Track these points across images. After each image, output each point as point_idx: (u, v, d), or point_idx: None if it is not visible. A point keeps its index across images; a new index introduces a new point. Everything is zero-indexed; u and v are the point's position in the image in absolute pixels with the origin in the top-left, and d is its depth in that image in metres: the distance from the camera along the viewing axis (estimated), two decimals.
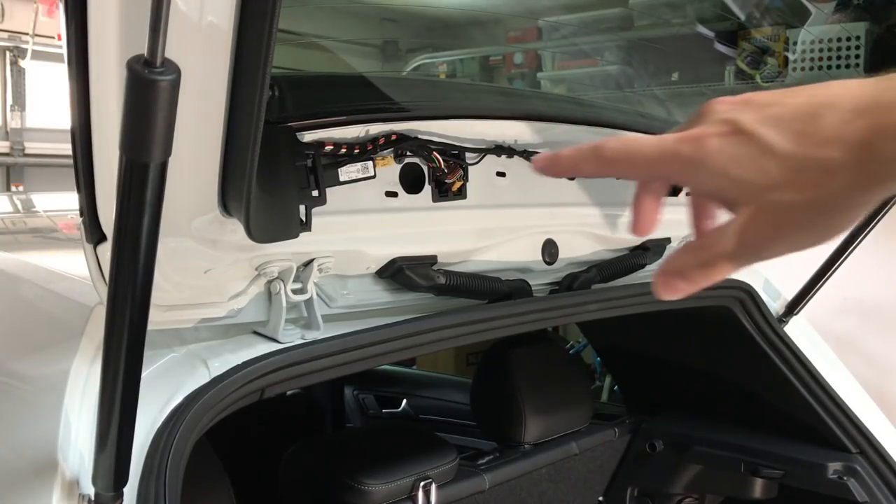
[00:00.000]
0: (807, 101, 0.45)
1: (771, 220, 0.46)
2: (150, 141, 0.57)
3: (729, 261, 0.48)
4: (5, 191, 6.34)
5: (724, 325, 1.75)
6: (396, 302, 1.21)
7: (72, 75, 0.73)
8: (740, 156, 0.45)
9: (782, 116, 0.45)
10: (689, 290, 0.50)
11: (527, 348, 1.83)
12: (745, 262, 0.48)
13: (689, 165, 0.47)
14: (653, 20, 1.88)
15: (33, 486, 0.87)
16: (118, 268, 0.65)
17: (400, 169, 1.11)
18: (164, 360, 0.99)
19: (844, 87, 0.45)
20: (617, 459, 1.97)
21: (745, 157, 0.45)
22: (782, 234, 0.46)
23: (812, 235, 0.46)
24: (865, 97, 0.43)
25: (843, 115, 0.43)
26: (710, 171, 0.46)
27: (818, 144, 0.44)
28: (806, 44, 1.73)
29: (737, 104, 0.47)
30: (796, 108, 0.45)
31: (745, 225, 0.46)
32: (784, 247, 0.46)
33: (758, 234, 0.46)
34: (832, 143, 0.43)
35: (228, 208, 0.84)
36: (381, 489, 1.45)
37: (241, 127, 0.73)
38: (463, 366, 3.89)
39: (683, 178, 0.49)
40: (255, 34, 0.67)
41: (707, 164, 0.46)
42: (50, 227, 2.51)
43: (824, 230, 0.46)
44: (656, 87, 1.95)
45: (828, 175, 0.43)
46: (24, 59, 6.47)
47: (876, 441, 1.68)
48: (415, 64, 2.30)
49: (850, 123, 0.43)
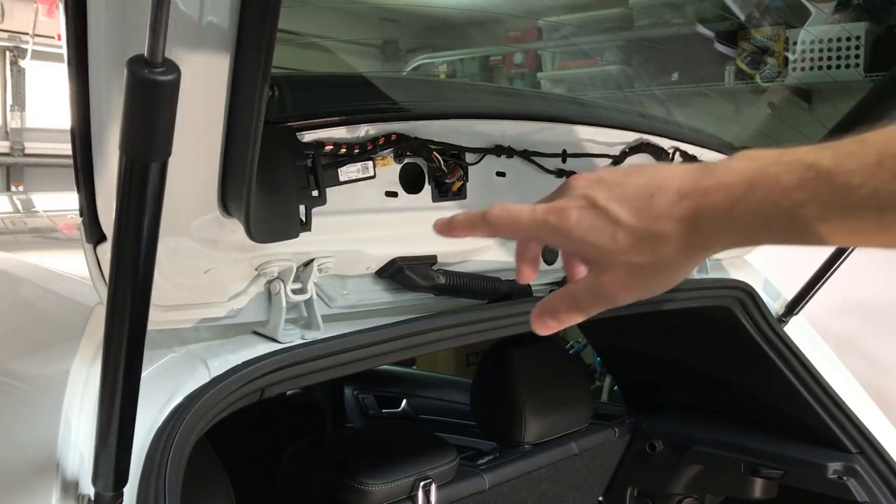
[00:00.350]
0: (645, 182, 0.57)
1: (621, 276, 0.58)
2: (150, 141, 0.57)
3: (591, 306, 0.61)
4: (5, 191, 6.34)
5: (724, 325, 1.75)
6: (396, 302, 1.21)
7: (72, 75, 0.73)
8: (595, 226, 0.58)
9: (626, 195, 0.57)
10: (558, 328, 0.64)
11: (527, 348, 1.83)
12: (603, 307, 0.61)
13: (556, 232, 0.59)
14: (653, 20, 1.88)
15: (33, 486, 0.87)
16: (118, 268, 0.65)
17: (400, 169, 1.11)
18: (164, 360, 0.99)
19: (673, 172, 0.57)
20: (617, 459, 1.97)
21: (599, 228, 0.57)
22: (630, 286, 0.58)
23: (653, 287, 0.59)
24: (688, 183, 0.55)
25: (672, 197, 0.55)
26: (573, 238, 0.59)
27: (654, 220, 0.56)
28: (806, 44, 1.73)
29: (592, 182, 0.59)
30: (637, 189, 0.57)
31: (603, 279, 0.59)
32: (632, 296, 0.59)
33: (612, 286, 0.59)
34: (665, 219, 0.55)
35: (228, 208, 0.84)
36: (381, 489, 1.45)
37: (241, 127, 0.73)
38: (463, 366, 3.89)
39: (553, 242, 0.62)
40: (255, 34, 0.67)
41: (570, 231, 0.58)
42: (50, 227, 2.51)
43: (663, 283, 0.59)
44: (656, 87, 1.95)
45: (663, 243, 0.56)
46: (24, 59, 6.47)
47: (876, 441, 1.68)
48: (415, 64, 2.30)
49: (678, 204, 0.55)
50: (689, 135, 1.51)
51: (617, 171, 0.60)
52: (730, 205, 0.53)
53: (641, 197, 0.57)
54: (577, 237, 0.58)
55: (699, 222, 0.55)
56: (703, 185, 0.54)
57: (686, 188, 0.55)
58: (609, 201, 0.58)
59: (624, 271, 0.58)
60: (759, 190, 0.52)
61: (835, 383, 1.73)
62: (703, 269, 1.70)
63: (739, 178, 0.53)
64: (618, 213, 0.57)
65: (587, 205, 0.58)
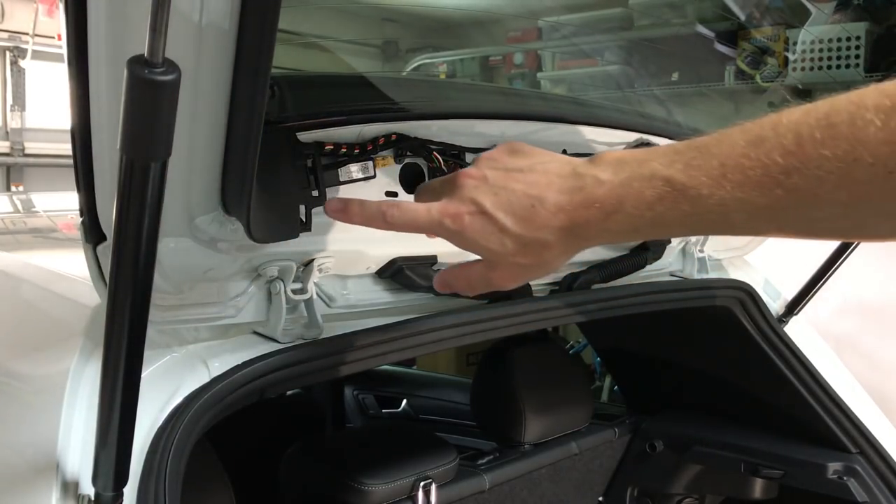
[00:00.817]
0: (525, 190, 0.65)
1: (510, 272, 0.69)
2: (150, 141, 0.57)
3: (482, 290, 0.72)
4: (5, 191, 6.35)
5: (724, 325, 1.75)
6: (396, 302, 1.21)
7: (72, 75, 0.73)
8: (486, 232, 0.66)
9: (511, 202, 0.65)
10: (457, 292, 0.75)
11: (527, 348, 1.83)
12: (491, 290, 0.71)
13: (451, 234, 0.69)
14: (653, 20, 1.88)
15: (33, 486, 0.87)
16: (118, 268, 0.65)
17: (400, 169, 1.11)
18: (164, 360, 0.98)
19: (549, 181, 0.65)
20: (617, 459, 1.97)
21: (489, 233, 0.66)
22: (516, 279, 0.69)
23: (536, 277, 0.70)
24: (563, 199, 0.63)
25: (550, 209, 0.64)
26: (467, 240, 0.68)
27: (536, 229, 0.64)
28: (806, 44, 1.73)
29: (479, 181, 0.68)
30: (519, 197, 0.65)
31: (494, 274, 0.70)
32: (518, 284, 0.70)
33: (501, 279, 0.70)
34: (545, 228, 0.64)
35: (228, 208, 0.84)
36: (381, 489, 1.45)
37: (241, 127, 0.73)
38: (463, 366, 3.89)
39: (450, 241, 0.69)
40: (255, 34, 0.67)
41: (464, 235, 0.68)
42: (50, 227, 2.51)
43: (544, 274, 0.69)
44: (656, 87, 1.95)
45: (546, 249, 0.65)
46: (24, 59, 6.47)
47: (876, 441, 1.68)
48: (415, 64, 2.30)
49: (556, 216, 0.63)
50: (690, 135, 1.50)
51: (500, 167, 0.68)
52: (602, 218, 0.62)
53: (524, 206, 0.65)
54: (470, 240, 0.68)
55: (576, 231, 0.64)
56: (577, 201, 0.63)
57: (562, 203, 0.63)
58: (496, 209, 0.66)
59: (512, 269, 0.68)
60: (626, 205, 0.60)
61: (835, 383, 1.73)
62: (704, 269, 1.69)
63: (608, 193, 0.61)
64: (504, 222, 0.65)
65: (476, 210, 0.67)
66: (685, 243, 1.67)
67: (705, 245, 1.70)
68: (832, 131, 0.52)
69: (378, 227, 0.74)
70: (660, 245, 1.58)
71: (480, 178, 0.68)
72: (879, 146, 0.50)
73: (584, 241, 0.65)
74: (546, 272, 0.69)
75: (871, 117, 0.50)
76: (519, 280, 0.70)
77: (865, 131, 0.50)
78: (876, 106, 0.50)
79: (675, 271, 1.69)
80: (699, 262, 1.69)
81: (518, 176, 0.67)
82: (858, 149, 0.50)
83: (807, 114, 0.54)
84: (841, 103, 0.52)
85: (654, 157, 0.61)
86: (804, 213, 0.55)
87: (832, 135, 0.52)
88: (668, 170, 0.59)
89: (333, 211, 0.78)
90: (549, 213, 0.64)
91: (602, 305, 1.47)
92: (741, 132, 0.57)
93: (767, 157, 0.54)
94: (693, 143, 0.60)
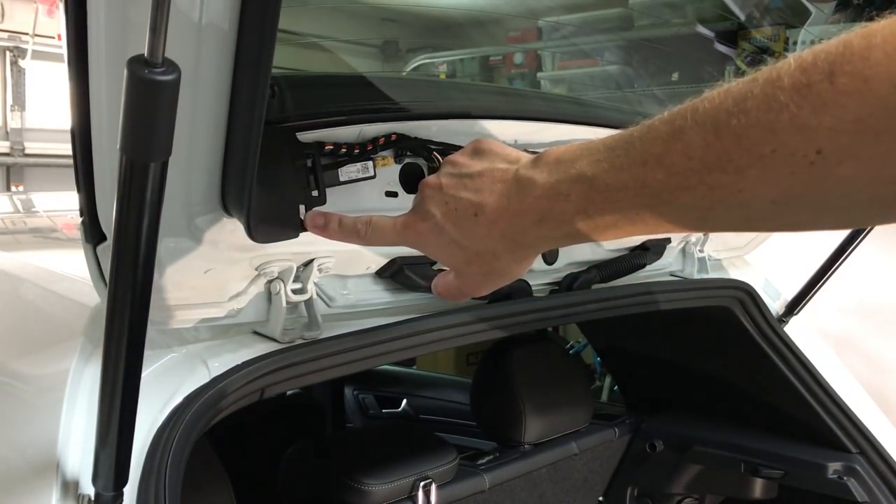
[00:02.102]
0: (470, 198, 0.64)
1: (473, 281, 0.69)
2: (150, 141, 0.57)
3: (461, 297, 0.72)
4: (5, 191, 6.35)
5: (724, 325, 1.75)
6: (396, 302, 1.21)
7: (72, 75, 0.73)
8: (440, 243, 0.67)
9: (458, 213, 0.65)
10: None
11: (527, 348, 1.83)
12: (470, 296, 0.72)
13: (415, 245, 0.70)
14: (653, 20, 1.87)
15: (33, 485, 0.87)
16: (118, 268, 0.65)
17: (400, 169, 1.11)
18: (164, 360, 0.98)
19: (491, 192, 0.63)
20: (617, 459, 1.97)
21: (443, 245, 0.67)
22: (482, 288, 0.70)
23: (502, 284, 0.69)
24: (501, 205, 0.62)
25: (490, 217, 0.63)
26: (428, 251, 0.70)
27: (479, 240, 0.64)
28: (806, 44, 1.73)
29: (435, 190, 0.67)
30: (465, 206, 0.64)
31: (460, 282, 0.71)
32: (488, 290, 0.70)
33: (469, 288, 0.70)
34: (487, 239, 0.64)
35: (228, 208, 0.84)
36: (381, 489, 1.45)
37: (241, 127, 0.73)
38: (463, 366, 3.89)
39: (419, 250, 0.71)
40: (255, 34, 0.67)
41: (425, 246, 0.69)
42: (50, 227, 2.51)
43: (508, 280, 0.69)
44: (656, 87, 1.95)
45: (494, 258, 0.65)
46: (24, 59, 6.47)
47: (876, 441, 1.68)
48: (415, 64, 2.30)
49: (494, 225, 0.63)
50: None
51: (456, 172, 0.67)
52: (535, 224, 0.60)
53: (468, 216, 0.64)
54: (430, 251, 0.70)
55: (516, 239, 0.63)
56: (513, 208, 0.62)
57: (500, 210, 0.62)
58: (445, 220, 0.66)
59: (473, 277, 0.69)
60: (555, 210, 0.58)
61: (835, 383, 1.73)
62: (704, 269, 1.70)
63: (538, 198, 0.59)
64: (452, 233, 0.66)
65: (432, 223, 0.67)
66: (685, 243, 1.68)
67: (705, 245, 1.70)
68: (747, 119, 0.45)
69: (356, 243, 0.75)
70: (660, 245, 1.58)
71: (436, 187, 0.68)
72: (794, 134, 0.44)
73: (527, 249, 0.64)
74: (506, 280, 0.69)
75: (785, 100, 0.44)
76: (483, 288, 0.70)
77: (780, 117, 0.44)
78: (792, 86, 0.44)
79: (674, 271, 1.69)
80: (699, 261, 1.69)
81: (468, 182, 0.65)
82: (775, 138, 0.44)
83: (725, 96, 0.47)
84: (759, 81, 0.46)
85: (585, 154, 0.57)
86: (734, 212, 0.50)
87: (748, 123, 0.45)
88: (593, 169, 0.55)
89: (314, 226, 0.79)
90: (489, 221, 0.63)
91: (602, 305, 1.47)
92: (665, 122, 0.51)
93: (686, 151, 0.49)
94: (624, 135, 0.55)
